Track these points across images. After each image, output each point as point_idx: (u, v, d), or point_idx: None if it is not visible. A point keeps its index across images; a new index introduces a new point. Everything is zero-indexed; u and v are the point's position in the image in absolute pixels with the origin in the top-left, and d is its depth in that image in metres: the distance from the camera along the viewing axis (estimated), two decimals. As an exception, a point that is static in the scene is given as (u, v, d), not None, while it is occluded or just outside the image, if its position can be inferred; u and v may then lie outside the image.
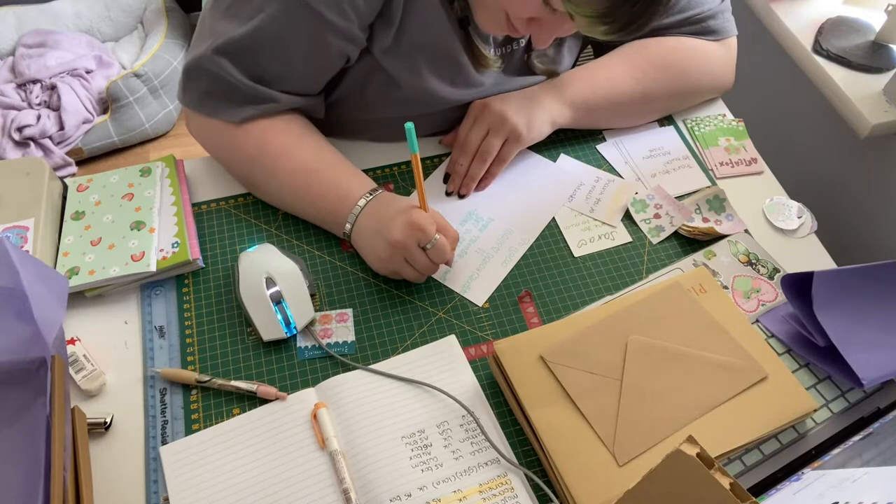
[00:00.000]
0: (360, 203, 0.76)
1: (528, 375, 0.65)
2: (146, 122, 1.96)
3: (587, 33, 0.67)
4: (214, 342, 0.72)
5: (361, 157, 0.88)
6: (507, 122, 0.82)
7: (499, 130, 0.83)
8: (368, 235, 0.75)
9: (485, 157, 0.84)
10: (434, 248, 0.72)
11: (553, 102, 0.85)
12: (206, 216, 0.83)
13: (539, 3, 0.67)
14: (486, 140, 0.83)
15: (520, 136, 0.83)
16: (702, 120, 0.95)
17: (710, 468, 0.42)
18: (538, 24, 0.72)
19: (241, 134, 0.79)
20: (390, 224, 0.73)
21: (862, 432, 0.62)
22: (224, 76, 0.75)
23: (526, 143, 0.84)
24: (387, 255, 0.73)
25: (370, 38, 0.77)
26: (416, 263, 0.73)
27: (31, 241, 0.74)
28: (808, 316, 0.69)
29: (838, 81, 1.04)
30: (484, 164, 0.84)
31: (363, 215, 0.76)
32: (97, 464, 0.64)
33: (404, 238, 0.71)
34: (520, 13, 0.71)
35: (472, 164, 0.84)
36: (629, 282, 0.78)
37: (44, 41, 2.00)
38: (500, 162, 0.85)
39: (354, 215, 0.76)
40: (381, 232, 0.73)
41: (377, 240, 0.74)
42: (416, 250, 0.72)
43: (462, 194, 0.85)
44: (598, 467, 0.60)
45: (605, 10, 0.62)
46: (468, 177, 0.85)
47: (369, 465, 0.63)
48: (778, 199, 0.87)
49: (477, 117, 0.84)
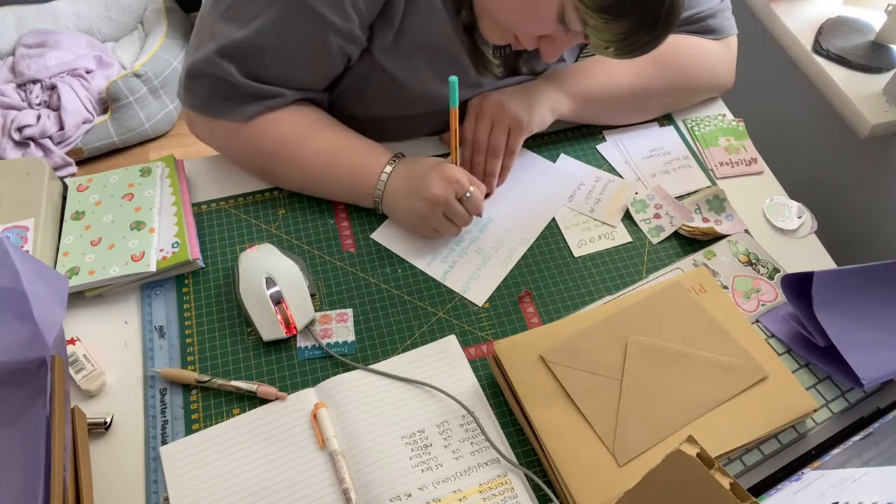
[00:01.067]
0: (387, 170, 0.78)
1: (528, 375, 0.65)
2: (146, 122, 1.96)
3: (597, 52, 0.69)
4: (214, 342, 0.72)
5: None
6: (507, 111, 0.82)
7: (501, 121, 0.83)
8: (403, 197, 0.77)
9: (496, 151, 0.84)
10: (471, 198, 0.75)
11: (552, 91, 0.85)
12: (206, 216, 0.83)
13: (554, 22, 0.68)
14: (493, 134, 0.84)
15: (521, 124, 0.83)
16: (702, 120, 0.95)
17: (710, 468, 0.42)
18: (549, 40, 0.73)
19: (253, 131, 0.79)
20: (425, 181, 0.75)
21: (862, 432, 0.62)
22: (227, 78, 0.75)
23: (529, 130, 0.84)
24: (427, 212, 0.75)
25: (370, 37, 0.77)
26: (456, 216, 0.76)
27: (31, 241, 0.74)
28: (808, 316, 0.69)
29: (838, 81, 1.04)
30: (497, 159, 0.84)
31: (392, 179, 0.78)
32: (97, 464, 0.64)
33: (443, 192, 0.74)
34: (533, 32, 0.72)
35: (486, 161, 0.85)
36: (629, 282, 0.78)
37: (44, 41, 2.00)
38: (511, 154, 0.85)
39: (383, 182, 0.78)
40: (416, 191, 0.75)
41: (413, 200, 0.76)
42: (455, 202, 0.75)
43: (486, 194, 0.85)
44: (598, 467, 0.60)
45: (622, 36, 0.64)
46: (487, 174, 0.85)
47: (369, 465, 0.63)
48: (778, 199, 0.87)
49: (478, 113, 0.85)
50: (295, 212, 0.83)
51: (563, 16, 0.67)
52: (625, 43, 0.65)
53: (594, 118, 0.92)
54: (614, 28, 0.64)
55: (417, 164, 0.78)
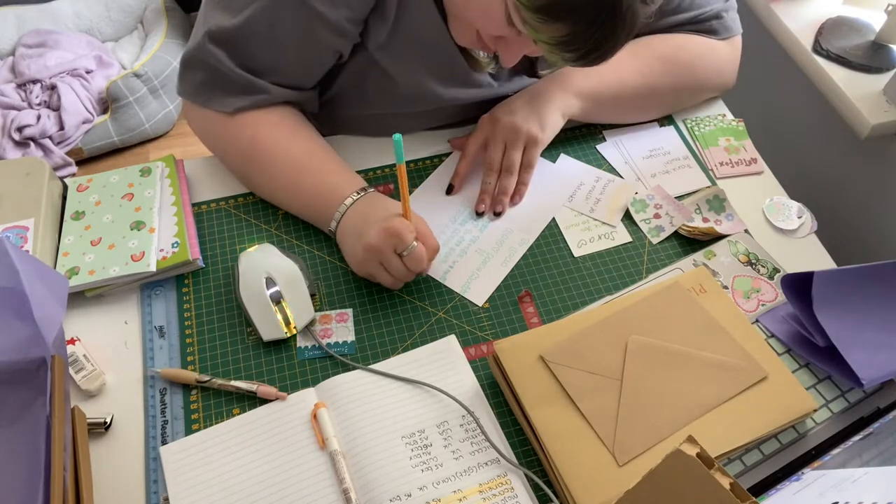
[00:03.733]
0: (347, 202, 0.76)
1: (528, 375, 0.65)
2: (146, 121, 1.96)
3: (551, 60, 0.66)
4: (214, 342, 0.72)
5: (360, 156, 0.88)
6: (521, 131, 0.82)
7: (515, 142, 0.83)
8: (350, 236, 0.75)
9: (511, 169, 0.83)
10: (410, 255, 0.71)
11: (560, 94, 0.85)
12: (206, 216, 0.83)
13: (503, 23, 0.66)
14: (507, 155, 0.83)
15: (537, 140, 0.83)
16: (702, 120, 0.95)
17: (710, 468, 0.42)
18: (504, 42, 0.72)
19: (235, 126, 0.79)
20: (369, 228, 0.72)
21: (862, 432, 0.62)
22: (217, 66, 0.75)
23: (545, 143, 0.84)
24: (362, 258, 0.73)
25: (365, 33, 0.77)
26: (392, 269, 0.72)
27: (31, 241, 0.74)
28: (808, 316, 0.69)
29: (838, 81, 1.04)
30: (512, 177, 0.83)
31: (349, 214, 0.75)
32: (97, 464, 0.64)
33: (379, 243, 0.71)
34: (487, 30, 0.71)
35: (500, 179, 0.84)
36: (629, 282, 0.78)
37: (44, 41, 2.00)
38: (528, 168, 0.84)
39: (340, 213, 0.76)
40: (360, 234, 0.73)
41: (356, 241, 0.73)
42: (392, 256, 0.71)
43: (497, 212, 0.83)
44: (598, 467, 0.60)
45: (565, 37, 0.61)
46: (499, 191, 0.84)
47: (369, 465, 0.63)
48: (778, 199, 0.87)
49: (489, 136, 0.84)
50: (295, 212, 0.83)
51: (510, 16, 0.65)
52: (569, 48, 0.61)
53: (601, 117, 0.92)
54: (552, 30, 0.60)
55: (373, 208, 0.74)
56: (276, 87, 0.78)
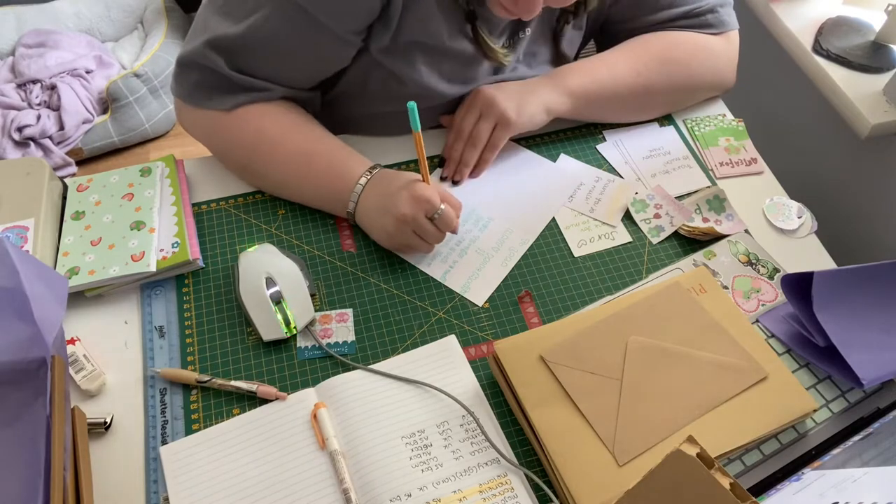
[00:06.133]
0: (361, 181, 0.77)
1: (528, 375, 0.65)
2: (146, 122, 1.96)
3: None
4: (214, 342, 0.72)
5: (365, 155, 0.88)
6: (496, 106, 0.82)
7: (488, 115, 0.83)
8: (374, 213, 0.76)
9: (476, 142, 0.84)
10: (441, 217, 0.74)
11: (549, 90, 0.85)
12: (206, 216, 0.83)
13: None
14: (477, 125, 0.84)
15: (508, 121, 0.83)
16: (702, 120, 0.95)
17: (710, 468, 0.42)
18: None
19: (236, 121, 0.79)
20: (395, 199, 0.74)
21: (862, 432, 0.62)
22: (215, 69, 0.76)
23: (516, 129, 0.84)
24: (395, 230, 0.74)
25: (368, 38, 0.77)
26: (426, 235, 0.75)
27: (31, 241, 0.74)
28: (808, 316, 0.69)
29: (838, 81, 1.04)
30: (475, 150, 0.85)
31: (365, 193, 0.77)
32: (97, 464, 0.64)
33: (412, 211, 0.73)
34: None
35: (465, 149, 0.85)
36: (629, 282, 0.78)
37: (44, 41, 2.00)
38: (492, 148, 0.85)
39: (357, 194, 0.77)
40: (387, 208, 0.75)
41: (384, 216, 0.75)
42: (425, 221, 0.74)
43: (456, 181, 0.86)
44: (598, 467, 0.60)
45: None
46: (461, 163, 0.85)
47: (369, 465, 0.63)
48: (778, 199, 0.87)
49: (470, 103, 0.85)
50: (295, 212, 0.83)
51: None
52: None
53: (595, 116, 0.92)
54: None
55: (391, 181, 0.76)
56: (276, 86, 0.78)
